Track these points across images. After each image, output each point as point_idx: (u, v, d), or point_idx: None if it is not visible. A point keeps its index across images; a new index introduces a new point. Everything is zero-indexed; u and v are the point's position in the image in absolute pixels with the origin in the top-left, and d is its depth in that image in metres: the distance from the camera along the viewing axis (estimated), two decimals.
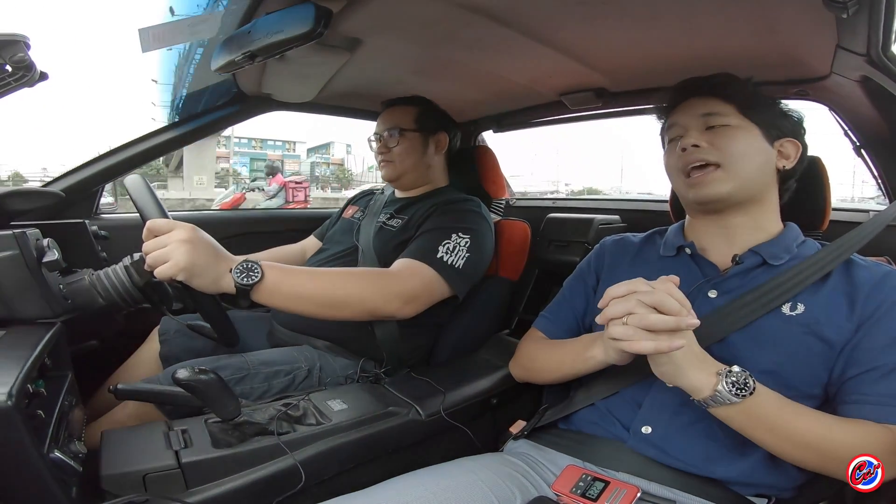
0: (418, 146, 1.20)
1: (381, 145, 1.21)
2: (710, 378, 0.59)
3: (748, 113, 0.73)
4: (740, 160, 0.71)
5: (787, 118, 0.76)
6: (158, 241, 0.70)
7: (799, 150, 0.75)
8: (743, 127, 0.72)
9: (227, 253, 0.77)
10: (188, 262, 0.69)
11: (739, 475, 0.65)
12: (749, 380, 0.58)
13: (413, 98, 1.24)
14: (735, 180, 0.71)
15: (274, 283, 0.77)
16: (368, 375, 0.98)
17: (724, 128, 0.72)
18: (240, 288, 0.74)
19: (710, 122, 0.73)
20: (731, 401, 0.58)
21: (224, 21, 0.90)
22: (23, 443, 0.52)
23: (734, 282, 0.71)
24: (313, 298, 0.81)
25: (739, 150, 0.71)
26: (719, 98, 0.74)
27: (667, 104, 0.80)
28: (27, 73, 0.67)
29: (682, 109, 0.77)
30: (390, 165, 1.20)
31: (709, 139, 0.72)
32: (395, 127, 1.19)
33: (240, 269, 0.74)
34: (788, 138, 0.75)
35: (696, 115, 0.74)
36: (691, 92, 0.77)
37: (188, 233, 0.71)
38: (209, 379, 0.67)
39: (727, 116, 0.72)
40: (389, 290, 0.88)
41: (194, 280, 0.71)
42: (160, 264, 0.69)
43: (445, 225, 1.03)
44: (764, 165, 0.73)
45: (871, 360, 0.61)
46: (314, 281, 0.81)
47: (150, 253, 0.70)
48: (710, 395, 0.59)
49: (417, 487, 0.64)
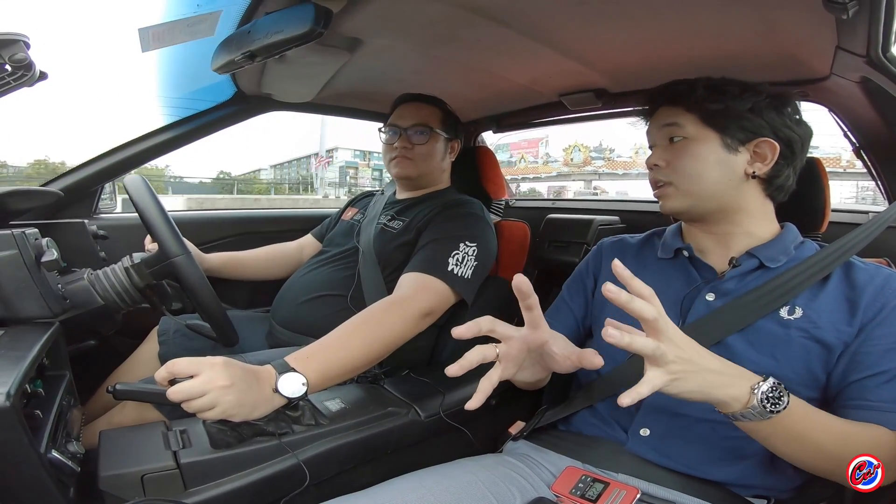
0: (441, 150, 1.19)
1: (404, 139, 1.16)
2: (741, 390, 0.54)
3: (710, 121, 0.71)
4: (690, 179, 0.71)
5: (751, 117, 0.69)
6: (194, 388, 0.63)
7: (776, 150, 0.70)
8: (699, 139, 0.71)
9: (261, 370, 0.70)
10: (236, 403, 0.64)
11: (738, 477, 0.65)
12: (784, 394, 0.54)
13: (435, 98, 1.21)
14: (688, 197, 0.72)
15: (321, 379, 0.74)
16: (367, 376, 0.97)
17: (682, 141, 0.72)
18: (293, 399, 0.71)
19: (671, 133, 0.73)
20: (764, 417, 0.54)
21: (223, 21, 0.90)
22: (21, 443, 0.52)
23: (731, 284, 0.71)
24: (357, 366, 0.80)
25: (689, 168, 0.71)
26: (682, 107, 0.73)
27: (647, 112, 0.80)
28: (27, 73, 0.67)
29: (653, 119, 0.77)
30: (410, 164, 1.16)
31: (668, 156, 0.73)
32: (424, 124, 1.15)
33: (284, 384, 0.70)
34: (764, 138, 0.70)
35: (661, 127, 0.75)
36: (659, 101, 0.76)
37: (224, 376, 0.64)
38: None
39: (685, 128, 0.72)
40: (411, 314, 0.89)
41: (244, 414, 0.67)
42: (205, 411, 0.64)
43: (452, 234, 1.03)
44: (723, 177, 0.70)
45: (874, 364, 0.60)
46: (349, 349, 0.79)
47: (189, 401, 0.63)
48: (740, 410, 0.54)
49: (417, 488, 0.64)
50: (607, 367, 0.77)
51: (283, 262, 1.36)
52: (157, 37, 0.92)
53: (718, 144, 0.70)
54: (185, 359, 0.66)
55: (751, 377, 0.55)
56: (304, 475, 0.69)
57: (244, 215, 1.63)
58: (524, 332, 0.59)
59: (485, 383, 0.56)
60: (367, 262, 1.10)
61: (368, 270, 1.09)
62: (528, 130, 1.75)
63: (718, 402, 0.54)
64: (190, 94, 1.34)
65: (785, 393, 0.54)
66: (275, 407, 0.70)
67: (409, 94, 1.21)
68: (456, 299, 0.99)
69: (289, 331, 1.10)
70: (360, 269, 1.11)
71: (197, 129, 1.32)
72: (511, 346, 0.58)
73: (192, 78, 1.26)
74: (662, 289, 0.75)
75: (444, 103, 1.23)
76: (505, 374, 0.58)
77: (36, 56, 0.66)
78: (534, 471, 0.73)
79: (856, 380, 0.61)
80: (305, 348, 0.77)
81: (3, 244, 0.69)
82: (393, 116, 1.20)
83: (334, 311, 1.06)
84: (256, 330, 1.18)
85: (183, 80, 1.31)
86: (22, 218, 1.07)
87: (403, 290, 0.93)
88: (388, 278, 1.06)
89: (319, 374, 0.73)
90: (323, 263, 1.17)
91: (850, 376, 0.62)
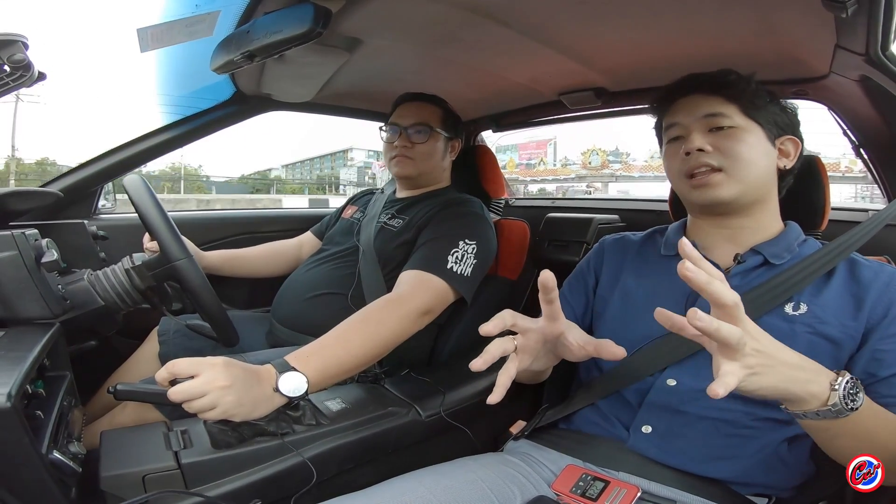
0: (442, 148, 1.19)
1: (404, 139, 1.16)
2: (821, 385, 0.50)
3: (752, 113, 0.71)
4: (746, 165, 0.69)
5: (785, 114, 0.74)
6: (195, 388, 0.63)
7: (799, 147, 0.74)
8: (747, 129, 0.71)
9: (261, 370, 0.70)
10: (236, 403, 0.65)
11: (739, 475, 0.65)
12: (860, 389, 0.50)
13: (436, 97, 1.21)
14: (740, 185, 0.69)
15: (321, 378, 0.74)
16: (368, 375, 0.97)
17: (730, 129, 0.70)
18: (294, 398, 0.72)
19: (714, 123, 0.71)
20: (841, 415, 0.49)
21: (222, 21, 0.90)
22: (22, 444, 0.52)
23: (735, 281, 0.71)
24: (357, 364, 0.81)
25: (745, 155, 0.69)
26: (722, 97, 0.72)
27: (663, 100, 0.78)
28: (25, 73, 0.67)
29: (682, 108, 0.74)
30: (410, 163, 1.16)
31: (713, 142, 0.70)
32: (424, 123, 1.15)
33: (284, 383, 0.70)
34: (789, 136, 0.74)
35: (698, 116, 0.72)
36: (692, 89, 0.74)
37: (224, 376, 0.64)
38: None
39: (731, 118, 0.71)
40: (410, 311, 0.89)
41: (244, 413, 0.67)
42: (206, 411, 0.64)
43: (451, 232, 1.03)
44: (768, 168, 0.72)
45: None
46: (349, 348, 0.79)
47: (190, 401, 0.63)
48: (820, 406, 0.49)
49: (417, 487, 0.64)
50: (608, 364, 0.77)
51: (283, 260, 1.36)
52: (156, 37, 0.92)
53: (763, 136, 0.72)
54: (185, 359, 0.66)
55: (828, 372, 0.51)
56: (307, 474, 0.69)
57: (244, 215, 1.63)
58: (542, 324, 0.59)
59: (503, 377, 0.56)
60: (367, 260, 1.10)
61: (368, 269, 1.09)
62: (534, 131, 1.76)
63: (796, 399, 0.50)
64: (189, 94, 1.34)
65: (860, 388, 0.50)
66: (275, 406, 0.70)
67: (410, 94, 1.21)
68: (455, 297, 0.99)
69: (289, 329, 1.10)
70: (360, 268, 1.11)
71: (196, 129, 1.32)
72: (528, 339, 0.59)
73: (192, 78, 1.26)
74: (666, 286, 0.75)
75: (445, 102, 1.22)
76: (521, 366, 0.58)
77: (34, 56, 0.66)
78: (534, 469, 0.73)
79: (884, 377, 0.60)
80: (305, 347, 0.77)
81: (2, 245, 0.69)
82: (394, 115, 1.20)
83: (334, 310, 1.06)
84: (256, 330, 1.18)
85: (182, 80, 1.31)
86: (22, 219, 1.07)
87: (403, 288, 0.93)
88: (388, 276, 1.06)
89: (320, 373, 0.73)
90: (323, 262, 1.17)
91: (876, 374, 0.60)
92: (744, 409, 0.66)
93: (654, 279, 0.77)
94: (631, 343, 0.75)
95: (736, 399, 0.66)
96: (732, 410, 0.66)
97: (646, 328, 0.74)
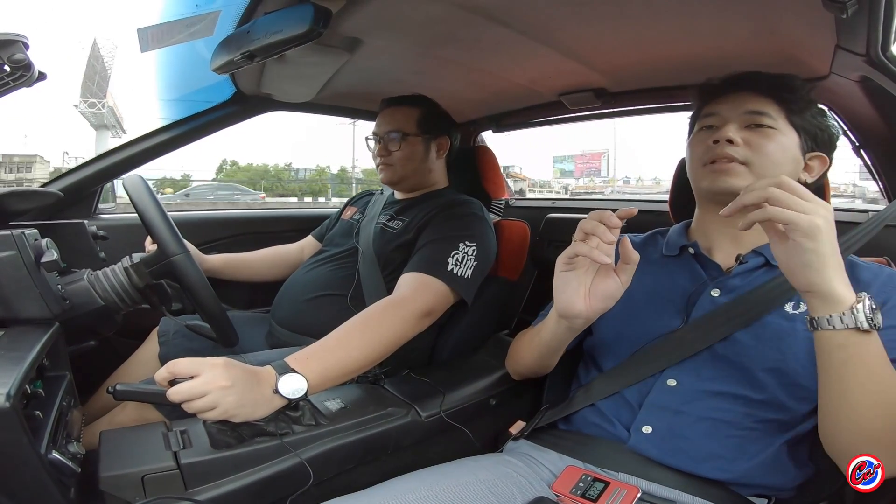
0: (420, 151, 1.18)
1: (381, 147, 1.18)
2: (850, 292, 0.51)
3: (795, 121, 0.71)
4: (772, 165, 0.69)
5: (826, 133, 0.74)
6: (195, 388, 0.63)
7: (825, 167, 0.74)
8: (786, 133, 0.71)
9: (261, 371, 0.71)
10: (236, 403, 0.65)
11: (740, 475, 0.65)
12: (878, 314, 0.51)
13: (415, 98, 1.21)
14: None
15: (321, 379, 0.74)
16: (368, 376, 0.97)
17: (770, 130, 0.70)
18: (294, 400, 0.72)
19: (755, 120, 0.71)
20: (864, 326, 0.50)
21: (222, 21, 0.90)
22: (21, 444, 0.52)
23: (737, 281, 0.71)
24: (357, 367, 0.80)
25: (774, 155, 0.69)
26: (773, 99, 0.72)
27: (712, 91, 0.77)
28: (25, 73, 0.67)
29: (727, 100, 0.74)
30: (390, 169, 1.18)
31: (746, 137, 0.70)
32: (396, 130, 1.16)
33: (284, 385, 0.70)
34: (819, 153, 0.73)
35: (741, 111, 0.72)
36: (743, 86, 0.74)
37: (224, 376, 0.65)
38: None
39: (775, 119, 0.71)
40: (410, 314, 0.89)
41: (245, 414, 0.67)
42: (206, 411, 0.65)
43: (451, 233, 1.03)
44: (792, 175, 0.71)
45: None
46: (349, 350, 0.79)
47: (190, 401, 0.64)
48: (846, 310, 0.51)
49: (417, 488, 0.64)
50: (609, 364, 0.77)
51: (284, 264, 1.36)
52: (156, 37, 0.92)
53: (798, 144, 0.72)
54: (185, 359, 0.66)
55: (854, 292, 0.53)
56: (305, 475, 0.69)
57: (244, 215, 1.63)
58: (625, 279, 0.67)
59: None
60: (366, 261, 1.10)
61: (368, 270, 1.09)
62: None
63: (825, 290, 0.51)
64: (189, 95, 1.34)
65: (878, 313, 0.52)
66: (275, 407, 0.70)
67: (388, 100, 1.22)
68: (455, 299, 0.99)
69: (288, 330, 1.10)
70: (359, 269, 1.11)
71: (196, 129, 1.32)
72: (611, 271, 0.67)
73: (192, 78, 1.26)
74: (668, 285, 0.75)
75: (426, 101, 1.21)
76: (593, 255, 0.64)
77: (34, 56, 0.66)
78: (534, 470, 0.73)
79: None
80: (305, 349, 0.77)
81: (2, 245, 0.69)
82: (375, 124, 1.22)
83: (334, 311, 1.06)
84: (256, 330, 1.18)
85: (182, 81, 1.31)
86: (22, 218, 1.07)
87: (403, 291, 0.93)
88: (388, 278, 1.06)
89: (319, 375, 0.73)
90: (322, 263, 1.17)
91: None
92: (744, 411, 0.66)
93: (656, 279, 0.77)
94: (631, 343, 0.75)
95: (737, 400, 0.66)
96: (733, 411, 0.66)
97: (646, 328, 0.74)
